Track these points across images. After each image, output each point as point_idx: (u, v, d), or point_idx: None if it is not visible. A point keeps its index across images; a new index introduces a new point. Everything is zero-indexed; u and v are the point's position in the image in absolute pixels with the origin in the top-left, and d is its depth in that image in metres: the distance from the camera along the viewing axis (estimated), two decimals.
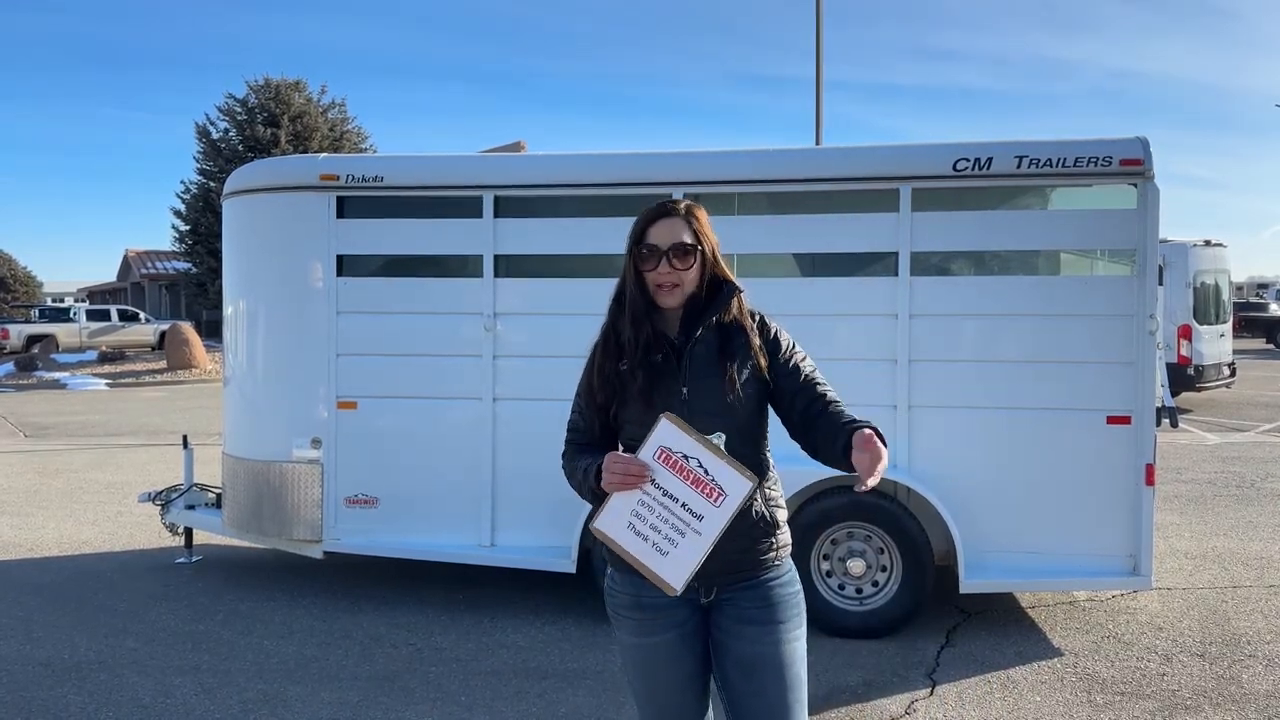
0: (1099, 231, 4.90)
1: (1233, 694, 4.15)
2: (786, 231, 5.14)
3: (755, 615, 2.27)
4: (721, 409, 2.26)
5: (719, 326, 2.32)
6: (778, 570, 2.31)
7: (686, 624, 2.30)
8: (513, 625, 5.09)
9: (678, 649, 2.31)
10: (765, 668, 2.26)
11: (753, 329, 2.33)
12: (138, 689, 4.28)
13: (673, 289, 2.30)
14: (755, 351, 2.30)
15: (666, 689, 2.34)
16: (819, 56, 16.88)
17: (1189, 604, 5.37)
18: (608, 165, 5.25)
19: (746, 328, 2.33)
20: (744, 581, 2.28)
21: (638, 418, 2.26)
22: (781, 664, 2.26)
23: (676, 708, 2.35)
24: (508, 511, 5.24)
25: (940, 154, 4.86)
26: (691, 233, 2.32)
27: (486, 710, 4.06)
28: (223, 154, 29.66)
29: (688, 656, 2.32)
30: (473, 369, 5.24)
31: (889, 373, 4.88)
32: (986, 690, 4.22)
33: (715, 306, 2.33)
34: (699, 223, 2.34)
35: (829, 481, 4.83)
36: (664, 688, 2.34)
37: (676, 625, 2.30)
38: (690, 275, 2.31)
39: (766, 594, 2.28)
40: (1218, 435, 11.73)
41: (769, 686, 2.26)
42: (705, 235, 2.33)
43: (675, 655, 2.31)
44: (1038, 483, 4.80)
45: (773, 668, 2.26)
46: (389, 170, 5.34)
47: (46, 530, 7.33)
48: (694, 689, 2.35)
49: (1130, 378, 4.73)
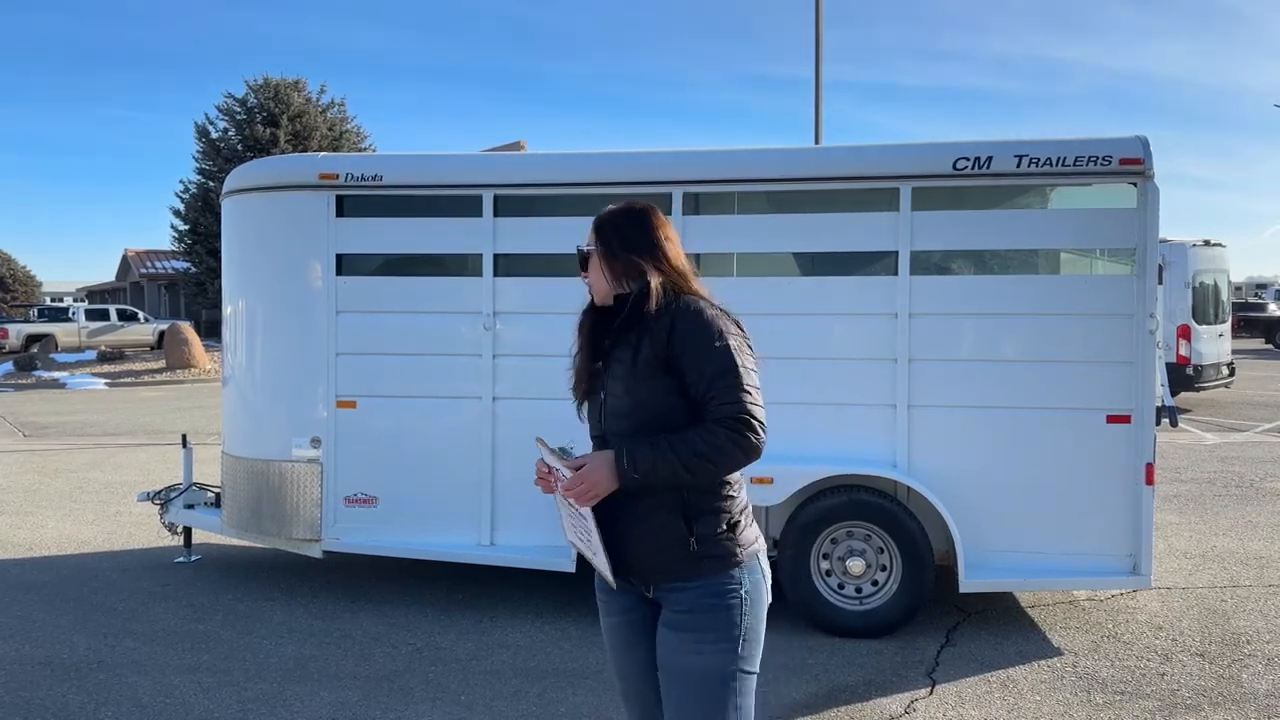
0: (1099, 231, 4.90)
1: (1232, 693, 4.15)
2: (786, 230, 5.14)
3: (673, 620, 2.25)
4: (626, 410, 2.27)
5: (643, 327, 2.27)
6: (704, 579, 2.22)
7: (634, 611, 2.37)
8: (512, 625, 5.08)
9: (628, 634, 2.39)
10: (670, 675, 2.25)
11: (666, 327, 2.24)
12: (137, 688, 4.27)
13: (597, 291, 2.39)
14: (659, 350, 2.23)
15: (622, 672, 2.43)
16: (818, 56, 16.88)
17: (1188, 603, 5.37)
18: (607, 164, 5.25)
19: (658, 326, 2.25)
20: (671, 584, 2.26)
21: (587, 416, 2.42)
22: (684, 675, 2.23)
23: (635, 693, 2.42)
24: (507, 511, 5.23)
25: (940, 153, 4.86)
26: (592, 237, 2.39)
27: (486, 710, 4.05)
28: (222, 154, 29.66)
29: (639, 645, 2.37)
30: (472, 368, 5.24)
31: (889, 372, 4.88)
32: (986, 690, 4.21)
33: (630, 308, 2.29)
34: (606, 227, 2.37)
35: (828, 481, 4.84)
36: (621, 670, 2.44)
37: (624, 611, 2.38)
38: (593, 279, 2.38)
39: (688, 601, 2.23)
40: (1217, 435, 11.73)
41: (673, 694, 2.25)
42: (610, 238, 2.35)
43: (626, 640, 2.40)
44: (1038, 482, 4.80)
45: (677, 677, 2.24)
46: (388, 169, 5.34)
47: (45, 529, 7.33)
48: (650, 679, 2.36)
49: (1130, 377, 4.73)
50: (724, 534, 2.25)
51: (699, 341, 2.21)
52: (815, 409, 4.96)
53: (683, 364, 2.22)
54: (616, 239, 2.36)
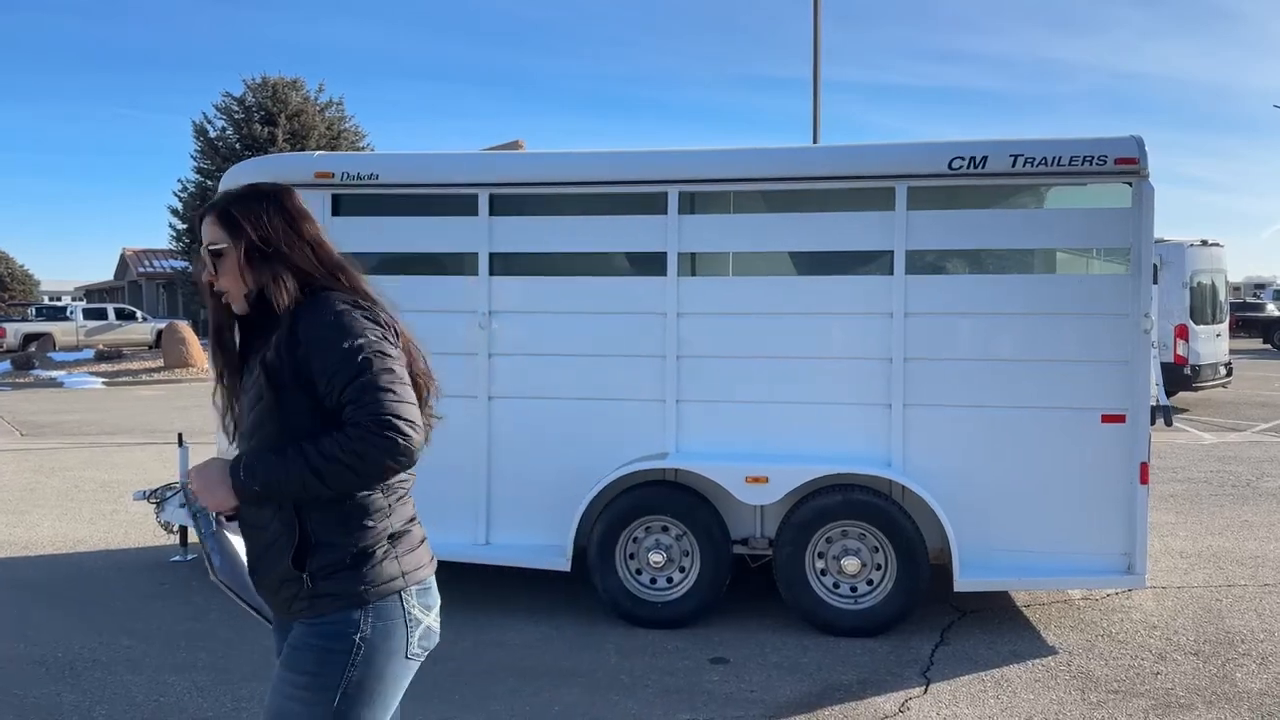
0: (1094, 230, 4.90)
1: (1226, 692, 4.16)
2: (782, 230, 5.15)
3: (285, 654, 2.01)
4: (251, 429, 2.02)
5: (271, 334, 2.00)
6: (320, 618, 1.94)
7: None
8: (506, 624, 5.09)
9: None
10: (266, 712, 2.00)
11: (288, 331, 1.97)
12: (131, 687, 4.27)
13: (234, 298, 2.06)
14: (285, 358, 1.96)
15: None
16: (816, 56, 16.89)
17: (1183, 603, 5.38)
18: (603, 163, 5.26)
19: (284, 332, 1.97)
20: (287, 614, 2.02)
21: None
22: (273, 714, 1.97)
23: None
24: (503, 510, 5.23)
25: (935, 152, 4.87)
26: (219, 232, 2.04)
27: (480, 709, 4.05)
28: (220, 153, 29.61)
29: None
30: (468, 367, 5.24)
31: (884, 371, 4.89)
32: (980, 688, 4.22)
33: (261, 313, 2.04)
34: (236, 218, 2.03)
35: (823, 480, 4.84)
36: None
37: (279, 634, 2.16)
38: (226, 283, 2.05)
39: (300, 637, 1.98)
40: (1214, 435, 11.74)
41: None
42: (244, 232, 2.02)
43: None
44: (1032, 481, 4.81)
45: (268, 715, 1.98)
46: (384, 168, 5.34)
47: (42, 528, 7.33)
48: None
49: (1125, 376, 4.74)
50: (345, 569, 1.94)
51: (327, 343, 1.92)
52: (810, 408, 4.97)
53: (312, 371, 1.93)
54: (253, 230, 2.02)
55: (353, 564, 1.94)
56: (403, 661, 1.99)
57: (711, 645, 4.72)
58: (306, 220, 2.09)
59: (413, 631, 2.00)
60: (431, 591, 2.06)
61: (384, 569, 1.96)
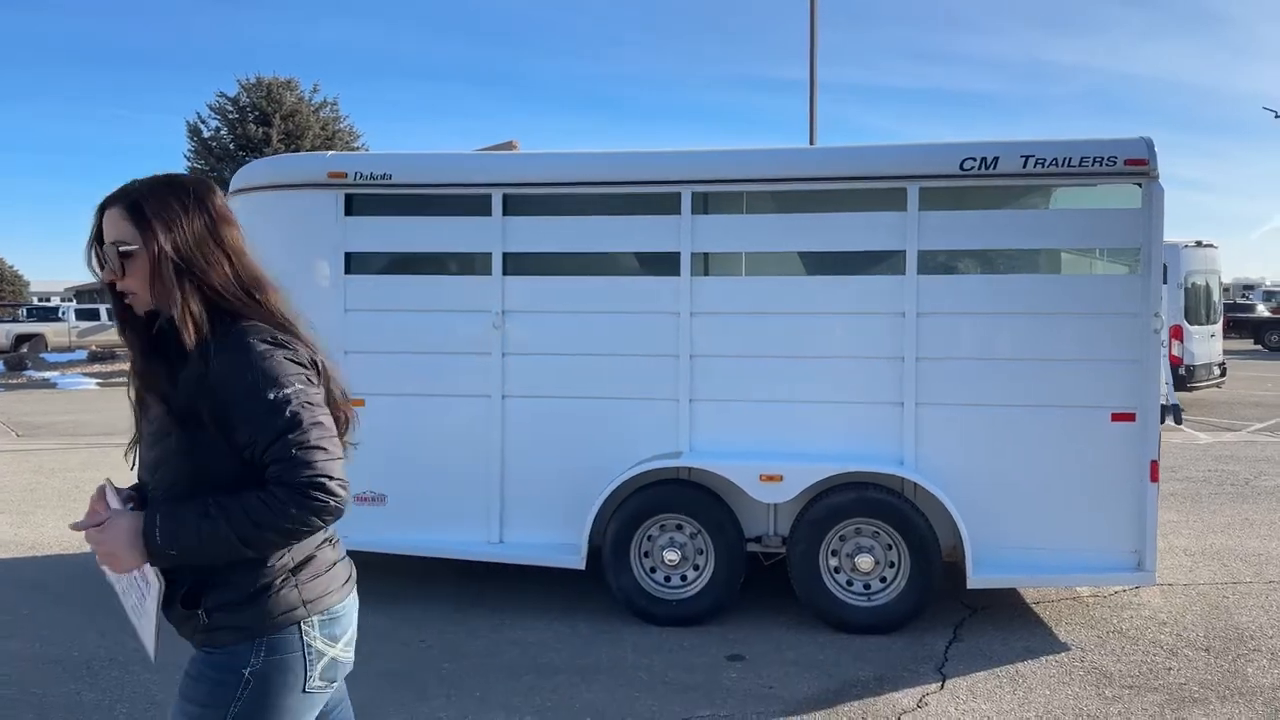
0: (1104, 230, 4.95)
1: (1238, 687, 4.21)
2: (794, 230, 5.18)
3: (181, 679, 1.89)
4: (153, 462, 1.85)
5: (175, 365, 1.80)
6: (217, 649, 1.83)
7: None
8: (522, 622, 5.10)
9: None
10: None
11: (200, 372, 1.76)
12: (150, 685, 4.28)
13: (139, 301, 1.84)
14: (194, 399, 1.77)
15: None
16: (813, 56, 16.94)
17: (1191, 599, 5.43)
18: (616, 164, 5.28)
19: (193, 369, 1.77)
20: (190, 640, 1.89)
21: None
22: None
23: None
24: (516, 508, 5.25)
25: (947, 153, 4.91)
26: (128, 229, 1.79)
27: (502, 705, 4.07)
28: (214, 152, 29.51)
29: None
30: (481, 366, 5.26)
31: (896, 370, 4.93)
32: (996, 684, 4.26)
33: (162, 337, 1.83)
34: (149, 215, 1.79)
35: (837, 478, 4.88)
36: None
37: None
38: (133, 283, 1.81)
39: (195, 665, 1.86)
40: (1210, 434, 11.83)
41: None
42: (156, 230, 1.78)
43: None
44: (1043, 479, 4.85)
45: None
46: (397, 168, 5.35)
47: (46, 529, 7.31)
48: None
49: (1135, 375, 4.79)
50: (241, 604, 1.80)
51: (247, 394, 1.74)
52: (824, 407, 5.00)
53: (230, 420, 1.75)
54: (166, 235, 1.78)
55: (248, 599, 1.81)
56: (299, 696, 1.84)
57: (727, 643, 4.75)
58: (229, 225, 1.87)
59: (313, 665, 1.85)
60: (341, 620, 1.90)
61: (281, 599, 1.82)
